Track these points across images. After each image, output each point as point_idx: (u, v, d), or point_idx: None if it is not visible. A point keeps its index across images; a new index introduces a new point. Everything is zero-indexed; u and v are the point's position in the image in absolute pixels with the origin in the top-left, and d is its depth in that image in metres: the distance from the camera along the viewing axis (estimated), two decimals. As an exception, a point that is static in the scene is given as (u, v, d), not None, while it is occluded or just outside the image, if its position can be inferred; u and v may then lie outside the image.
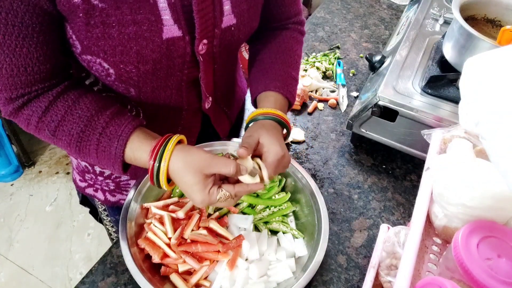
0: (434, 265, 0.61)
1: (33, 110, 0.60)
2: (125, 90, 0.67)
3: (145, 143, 0.61)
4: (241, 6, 0.67)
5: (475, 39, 0.79)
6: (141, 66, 0.61)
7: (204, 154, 0.60)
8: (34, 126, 0.62)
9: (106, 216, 1.01)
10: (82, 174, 0.88)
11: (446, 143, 0.67)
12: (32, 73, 0.57)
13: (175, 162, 0.60)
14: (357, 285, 0.75)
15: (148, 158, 0.60)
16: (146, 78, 0.64)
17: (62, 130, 0.61)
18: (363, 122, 0.92)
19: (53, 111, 0.61)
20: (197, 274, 0.68)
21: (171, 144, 0.60)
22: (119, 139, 0.61)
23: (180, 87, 0.70)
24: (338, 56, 1.30)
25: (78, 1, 0.53)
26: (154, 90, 0.68)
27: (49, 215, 2.12)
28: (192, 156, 0.60)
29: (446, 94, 0.86)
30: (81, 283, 0.72)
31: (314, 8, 2.47)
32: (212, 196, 0.60)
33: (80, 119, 0.61)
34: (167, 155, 0.59)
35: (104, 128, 0.61)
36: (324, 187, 0.92)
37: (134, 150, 0.61)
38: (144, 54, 0.59)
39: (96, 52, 0.58)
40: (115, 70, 0.61)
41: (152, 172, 0.60)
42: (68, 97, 0.62)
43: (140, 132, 0.63)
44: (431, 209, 0.64)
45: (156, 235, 0.70)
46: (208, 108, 0.79)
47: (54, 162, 2.39)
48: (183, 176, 0.60)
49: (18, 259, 1.92)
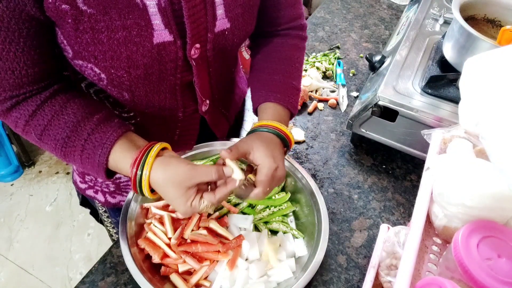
0: (434, 265, 0.61)
1: (21, 113, 0.60)
2: (118, 94, 0.66)
3: (128, 154, 0.61)
4: (235, 10, 0.66)
5: (475, 39, 0.79)
6: (132, 71, 0.60)
7: (184, 166, 0.60)
8: (21, 128, 0.62)
9: (107, 218, 1.01)
10: (82, 175, 0.88)
11: (446, 143, 0.67)
12: (20, 76, 0.57)
13: (155, 175, 0.60)
14: (357, 285, 0.75)
15: (130, 168, 0.60)
16: (138, 82, 0.63)
17: (48, 135, 0.61)
18: (363, 122, 0.92)
19: (40, 116, 0.61)
20: (197, 274, 0.68)
21: (151, 155, 0.60)
22: (103, 147, 0.60)
23: (174, 91, 0.70)
24: (338, 56, 1.30)
25: (66, 7, 0.52)
26: (148, 94, 0.67)
27: (49, 215, 2.12)
28: (171, 170, 0.59)
29: (446, 94, 0.86)
30: (81, 283, 0.72)
31: (314, 8, 2.47)
32: (195, 208, 0.61)
33: (66, 125, 0.61)
34: (147, 168, 0.59)
35: (89, 135, 0.61)
36: (324, 187, 0.92)
37: (117, 161, 0.61)
38: (135, 59, 0.59)
39: (87, 57, 0.58)
40: (107, 75, 0.61)
41: (134, 183, 0.61)
42: (56, 102, 0.62)
43: (125, 140, 0.62)
44: (431, 209, 0.64)
45: (156, 235, 0.70)
46: (205, 111, 0.78)
47: (54, 162, 2.39)
48: (164, 189, 0.60)
49: (18, 259, 1.92)
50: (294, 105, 0.78)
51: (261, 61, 0.81)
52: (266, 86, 0.77)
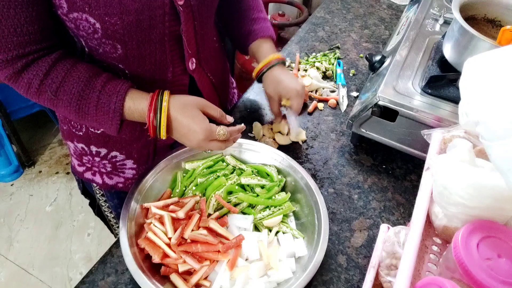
0: (434, 265, 0.61)
1: (34, 74, 0.65)
2: (112, 48, 0.69)
3: (142, 96, 0.69)
4: None
5: (475, 39, 0.79)
6: (125, 17, 0.64)
7: (195, 97, 0.72)
8: (35, 89, 0.66)
9: (104, 202, 1.02)
10: (80, 157, 0.90)
11: (446, 143, 0.67)
12: (22, 34, 0.62)
13: (174, 104, 0.69)
14: (357, 285, 0.75)
15: (147, 105, 0.68)
16: (131, 30, 0.67)
17: (64, 90, 0.67)
18: (363, 122, 0.92)
19: (54, 74, 0.66)
20: (197, 274, 0.68)
21: (166, 92, 0.70)
22: (118, 94, 0.68)
23: (163, 42, 0.73)
24: (338, 56, 1.30)
25: None
26: (140, 44, 0.70)
27: (49, 215, 2.12)
28: (187, 97, 0.71)
29: (446, 94, 0.86)
30: (81, 283, 0.72)
31: (314, 8, 2.47)
32: (212, 127, 0.70)
33: (80, 79, 0.67)
34: (166, 96, 0.69)
35: (102, 87, 0.68)
36: (324, 187, 0.92)
37: (131, 107, 0.69)
38: (126, 3, 0.63)
39: (81, 6, 0.61)
40: (101, 24, 0.64)
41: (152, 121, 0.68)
42: (66, 62, 0.67)
43: (135, 91, 0.70)
44: (431, 209, 0.64)
45: (156, 235, 0.70)
46: (192, 69, 0.82)
47: (54, 162, 2.39)
48: (184, 111, 0.69)
49: (18, 259, 1.92)
50: (272, 32, 0.96)
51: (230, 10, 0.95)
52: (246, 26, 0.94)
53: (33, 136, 2.50)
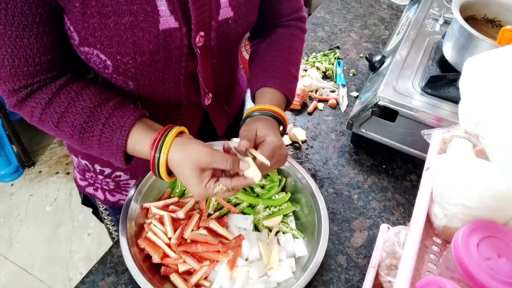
0: (434, 265, 0.61)
1: (37, 102, 0.61)
2: (123, 83, 0.67)
3: (147, 135, 0.62)
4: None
5: (475, 39, 0.79)
6: (138, 57, 0.61)
7: (202, 148, 0.60)
8: (37, 117, 0.62)
9: (107, 216, 1.01)
10: (83, 173, 0.88)
11: (446, 143, 0.67)
12: (34, 64, 0.58)
13: (173, 154, 0.60)
14: (357, 285, 0.75)
15: (149, 150, 0.61)
16: (144, 70, 0.64)
17: (65, 122, 0.62)
18: (363, 122, 0.92)
19: (56, 103, 0.61)
20: (197, 274, 0.68)
21: (170, 136, 0.61)
22: (122, 129, 0.61)
23: (178, 81, 0.70)
24: (338, 56, 1.30)
25: None
26: (152, 83, 0.68)
27: (49, 215, 2.12)
28: (190, 149, 0.60)
29: (446, 94, 0.86)
30: (81, 283, 0.72)
31: (314, 8, 2.46)
32: (209, 190, 0.61)
33: (83, 111, 0.61)
34: (166, 147, 0.60)
35: (107, 119, 0.62)
36: (324, 187, 0.92)
37: (136, 142, 0.62)
38: (140, 44, 0.59)
39: (93, 43, 0.59)
40: (112, 62, 0.61)
41: (153, 163, 0.61)
42: (71, 89, 0.62)
43: (142, 123, 0.63)
44: (431, 209, 0.64)
45: (156, 235, 0.70)
46: (208, 104, 0.79)
47: (54, 162, 2.39)
48: (181, 168, 0.60)
49: (18, 259, 1.92)
50: (291, 92, 0.79)
51: (262, 49, 0.83)
52: (265, 72, 0.79)
53: (33, 136, 2.50)
